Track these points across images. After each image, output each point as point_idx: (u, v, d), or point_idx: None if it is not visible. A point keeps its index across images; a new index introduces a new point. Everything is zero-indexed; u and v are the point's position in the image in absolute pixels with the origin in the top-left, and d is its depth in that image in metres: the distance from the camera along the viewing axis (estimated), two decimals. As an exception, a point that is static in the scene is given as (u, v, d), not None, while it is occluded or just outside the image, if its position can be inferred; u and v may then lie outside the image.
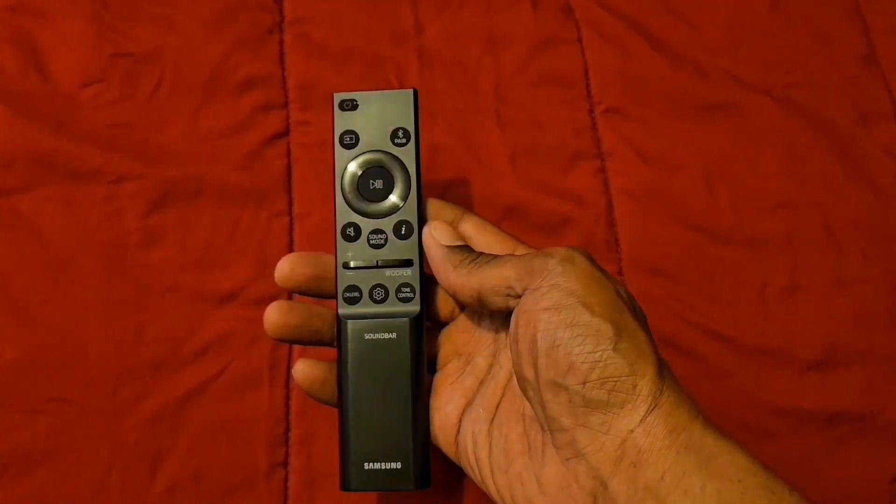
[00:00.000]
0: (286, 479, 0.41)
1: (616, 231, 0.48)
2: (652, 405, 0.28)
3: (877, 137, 0.51)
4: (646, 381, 0.28)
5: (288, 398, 0.43)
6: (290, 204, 0.46)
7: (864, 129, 0.52)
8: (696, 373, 0.45)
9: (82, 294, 0.43)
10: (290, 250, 0.45)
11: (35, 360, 0.42)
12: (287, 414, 0.42)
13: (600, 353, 0.28)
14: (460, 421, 0.34)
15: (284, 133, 0.48)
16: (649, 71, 0.52)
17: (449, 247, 0.34)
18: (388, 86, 0.50)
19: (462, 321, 0.36)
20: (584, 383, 0.28)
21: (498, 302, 0.32)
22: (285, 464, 0.41)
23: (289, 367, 0.43)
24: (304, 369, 0.35)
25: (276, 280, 0.35)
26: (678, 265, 0.47)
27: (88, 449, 0.41)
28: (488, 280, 0.32)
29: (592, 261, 0.31)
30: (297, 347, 0.43)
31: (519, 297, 0.31)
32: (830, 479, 0.43)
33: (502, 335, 0.35)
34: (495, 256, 0.33)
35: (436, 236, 0.34)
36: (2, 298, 0.42)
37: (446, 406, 0.35)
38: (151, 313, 0.43)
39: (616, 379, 0.28)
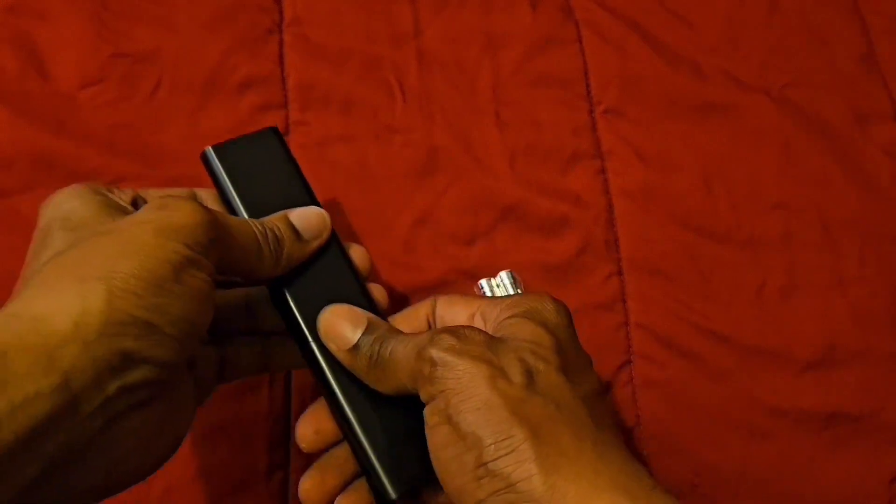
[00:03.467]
0: (286, 481, 0.41)
1: (615, 231, 0.48)
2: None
3: (875, 137, 0.52)
4: (533, 483, 0.27)
5: (288, 399, 0.43)
6: (290, 204, 0.46)
7: (863, 130, 0.52)
8: (695, 373, 0.45)
9: (82, 295, 0.43)
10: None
11: (35, 360, 0.42)
12: (287, 414, 0.42)
13: (479, 469, 0.27)
14: None
15: (284, 133, 0.48)
16: (648, 71, 0.52)
17: (350, 351, 0.32)
18: (387, 85, 0.50)
19: None
20: (477, 502, 0.27)
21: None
22: (285, 465, 0.42)
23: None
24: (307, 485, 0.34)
25: (302, 448, 0.35)
26: (677, 265, 0.47)
27: (89, 449, 0.41)
28: (398, 387, 0.31)
29: (472, 347, 0.29)
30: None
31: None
32: (828, 479, 0.43)
33: None
34: (392, 347, 0.32)
35: (331, 347, 0.33)
36: (2, 298, 0.42)
37: None
38: (151, 314, 0.43)
39: (503, 490, 0.27)
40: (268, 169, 0.37)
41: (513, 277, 0.45)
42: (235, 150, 0.37)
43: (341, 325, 0.33)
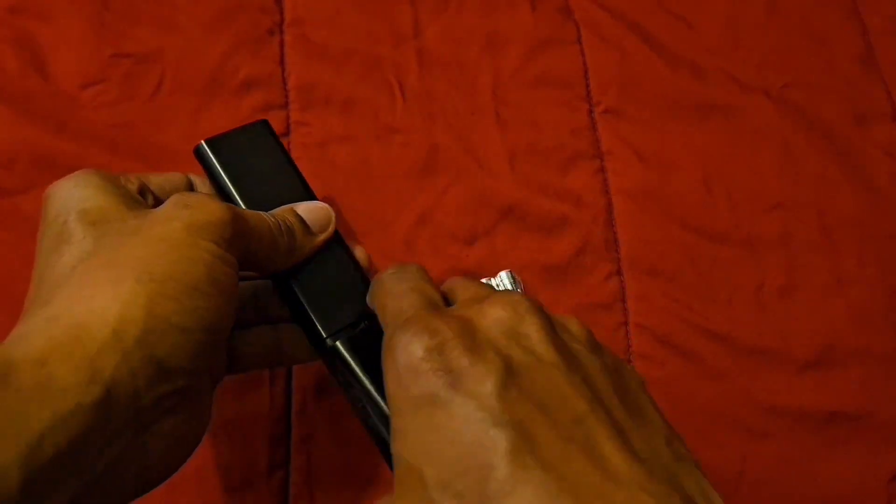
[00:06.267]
0: (286, 479, 0.41)
1: (615, 231, 0.48)
2: None
3: (874, 138, 0.52)
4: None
5: (289, 398, 0.43)
6: (290, 204, 0.46)
7: (862, 130, 0.52)
8: (693, 372, 0.45)
9: (83, 294, 0.43)
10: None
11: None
12: (288, 413, 0.42)
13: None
14: None
15: (284, 133, 0.48)
16: (648, 72, 0.52)
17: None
18: (388, 86, 0.50)
19: None
20: None
21: None
22: (286, 463, 0.42)
23: (289, 367, 0.43)
24: None
25: None
26: (676, 265, 0.47)
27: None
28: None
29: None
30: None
31: None
32: (827, 478, 0.43)
33: None
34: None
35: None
36: (3, 298, 0.43)
37: None
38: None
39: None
40: (262, 161, 0.37)
41: (513, 277, 0.45)
42: (229, 143, 0.37)
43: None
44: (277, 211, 0.35)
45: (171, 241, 0.28)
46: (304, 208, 0.35)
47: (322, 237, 0.35)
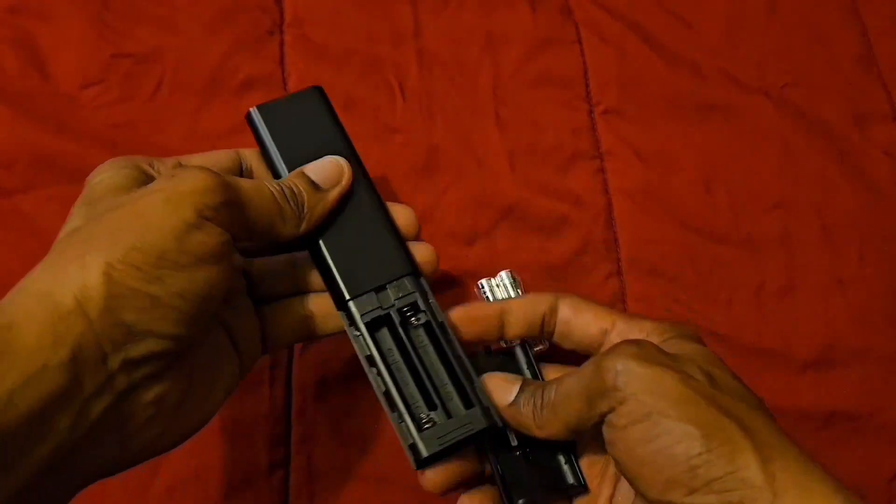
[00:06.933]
0: (286, 479, 0.41)
1: (615, 231, 0.48)
2: (772, 493, 0.26)
3: (874, 138, 0.52)
4: (752, 471, 0.26)
5: (289, 397, 0.43)
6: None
7: (861, 130, 0.52)
8: (694, 372, 0.45)
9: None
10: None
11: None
12: (288, 413, 0.42)
13: (693, 459, 0.26)
14: None
15: (284, 133, 0.48)
16: (647, 72, 0.52)
17: (510, 407, 0.33)
18: (387, 85, 0.50)
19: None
20: (691, 493, 0.27)
21: (590, 429, 0.31)
22: (286, 463, 0.42)
23: (289, 367, 0.43)
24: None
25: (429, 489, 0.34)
26: (676, 265, 0.47)
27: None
28: (568, 420, 0.31)
29: (654, 354, 0.29)
30: (297, 344, 0.44)
31: (605, 415, 0.30)
32: (827, 478, 0.43)
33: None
34: (556, 387, 0.32)
35: (497, 401, 0.33)
36: (2, 297, 0.43)
37: None
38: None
39: (720, 478, 0.26)
40: (311, 128, 0.37)
41: (513, 277, 0.45)
42: (280, 109, 0.37)
43: (500, 386, 0.33)
44: (285, 178, 0.35)
45: (145, 213, 0.28)
46: (312, 167, 0.35)
47: (335, 192, 0.35)
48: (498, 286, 0.45)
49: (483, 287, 0.44)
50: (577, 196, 0.48)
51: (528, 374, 0.36)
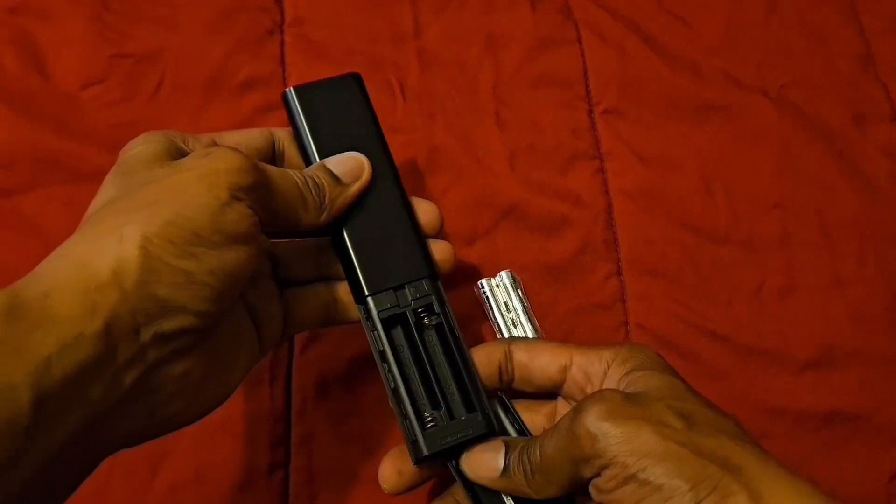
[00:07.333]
0: (287, 479, 0.41)
1: (615, 231, 0.48)
2: None
3: (873, 138, 0.52)
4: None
5: (289, 398, 0.43)
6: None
7: (860, 130, 0.52)
8: (693, 373, 0.45)
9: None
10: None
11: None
12: (288, 413, 0.42)
13: None
14: None
15: (285, 133, 0.48)
16: (647, 72, 0.52)
17: (502, 478, 0.32)
18: (388, 85, 0.50)
19: None
20: None
21: (586, 483, 0.30)
22: (286, 463, 0.42)
23: (289, 367, 0.43)
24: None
25: (385, 489, 0.35)
26: (675, 265, 0.47)
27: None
28: (562, 483, 0.30)
29: (623, 407, 0.29)
30: (297, 344, 0.44)
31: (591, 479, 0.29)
32: (827, 479, 0.43)
33: None
34: (540, 448, 0.31)
35: (487, 476, 0.33)
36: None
37: None
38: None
39: None
40: (345, 115, 0.37)
41: (513, 277, 0.45)
42: (316, 93, 0.37)
43: (484, 459, 0.33)
44: (307, 169, 0.35)
45: (180, 188, 0.29)
46: (335, 161, 0.36)
47: (355, 187, 0.35)
48: (498, 286, 0.45)
49: (483, 287, 0.44)
50: (578, 196, 0.48)
51: (507, 423, 0.36)
